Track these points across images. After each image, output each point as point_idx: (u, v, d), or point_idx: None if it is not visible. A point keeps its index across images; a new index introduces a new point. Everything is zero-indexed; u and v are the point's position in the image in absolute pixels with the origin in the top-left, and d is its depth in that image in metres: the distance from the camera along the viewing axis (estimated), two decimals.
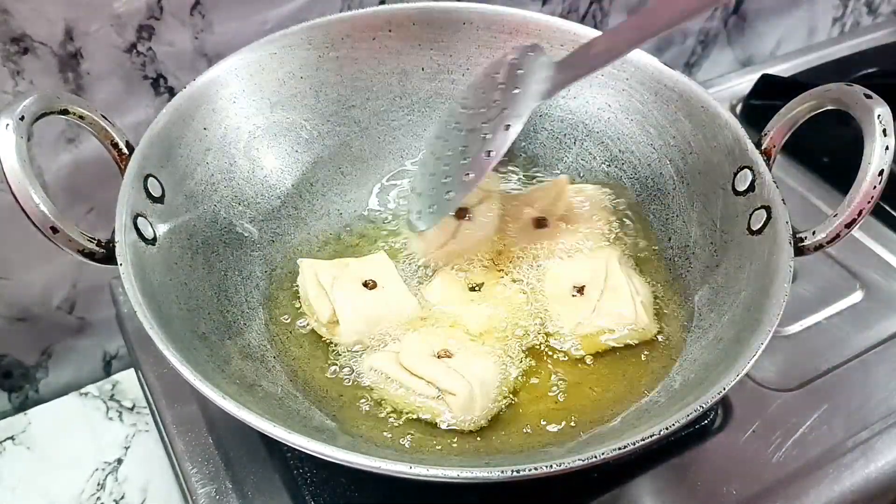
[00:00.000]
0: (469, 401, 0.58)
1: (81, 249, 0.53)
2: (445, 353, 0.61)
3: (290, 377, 0.61)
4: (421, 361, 0.60)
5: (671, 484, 0.64)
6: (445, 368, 0.59)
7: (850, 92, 0.56)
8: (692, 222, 0.68)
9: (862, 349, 0.75)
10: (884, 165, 0.54)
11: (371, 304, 0.65)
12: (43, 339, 0.86)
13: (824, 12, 1.31)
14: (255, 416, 0.46)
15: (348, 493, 0.61)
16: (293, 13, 0.81)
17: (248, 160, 0.70)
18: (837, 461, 0.66)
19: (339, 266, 0.67)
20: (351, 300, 0.64)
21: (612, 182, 0.74)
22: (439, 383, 0.59)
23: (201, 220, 0.65)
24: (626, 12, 1.06)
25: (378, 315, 0.65)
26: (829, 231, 0.56)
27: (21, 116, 0.52)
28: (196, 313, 0.59)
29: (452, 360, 0.60)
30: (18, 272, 0.80)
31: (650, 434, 0.46)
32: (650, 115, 0.72)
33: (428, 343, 0.62)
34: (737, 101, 1.04)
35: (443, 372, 0.59)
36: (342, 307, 0.64)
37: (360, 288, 0.65)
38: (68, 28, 0.70)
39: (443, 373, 0.59)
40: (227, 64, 0.68)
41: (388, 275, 0.67)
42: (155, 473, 0.79)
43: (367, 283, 0.66)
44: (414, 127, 0.77)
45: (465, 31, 0.75)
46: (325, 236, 0.73)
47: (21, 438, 0.82)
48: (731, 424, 0.68)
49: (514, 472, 0.44)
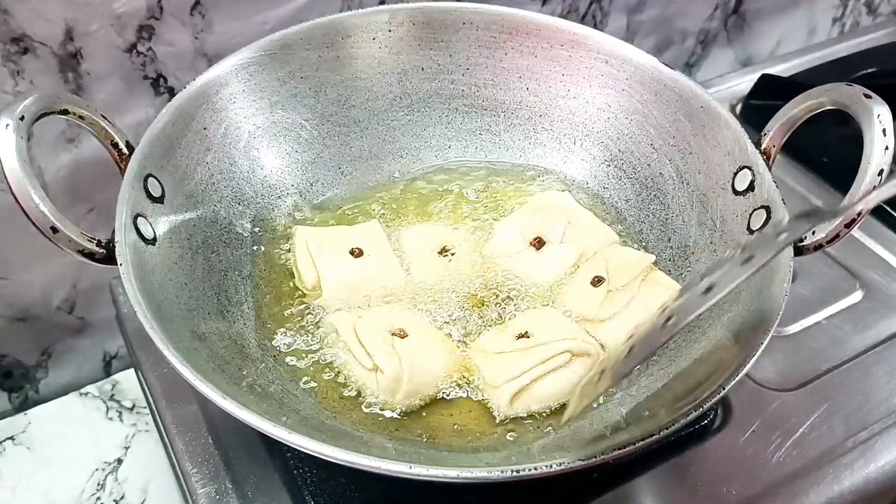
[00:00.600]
0: (394, 383, 0.58)
1: (81, 249, 0.53)
2: (401, 332, 0.61)
3: (289, 377, 0.61)
4: (372, 333, 0.60)
5: (671, 484, 0.64)
6: (389, 347, 0.60)
7: (850, 92, 0.57)
8: (692, 222, 0.69)
9: (862, 349, 0.75)
10: (883, 165, 0.54)
11: (355, 271, 0.66)
12: (43, 339, 0.86)
13: (824, 12, 1.31)
14: (255, 416, 0.46)
15: (348, 493, 0.61)
16: (293, 13, 0.81)
17: (248, 160, 0.70)
18: (837, 461, 0.66)
19: (329, 233, 0.69)
20: (335, 266, 0.66)
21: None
22: (375, 357, 0.59)
23: (201, 220, 0.65)
24: (625, 12, 1.07)
25: (361, 282, 0.66)
26: (828, 231, 0.56)
27: (21, 116, 0.52)
28: (196, 313, 0.59)
29: (403, 340, 0.61)
30: (18, 272, 0.80)
31: (650, 434, 0.46)
32: (650, 115, 0.72)
33: (392, 319, 0.63)
34: (736, 101, 1.04)
35: (384, 349, 0.59)
36: (325, 273, 0.65)
37: (345, 255, 0.66)
38: (68, 28, 0.70)
39: (384, 349, 0.59)
40: (226, 64, 0.68)
41: (377, 244, 0.68)
42: (155, 473, 0.79)
43: (354, 251, 0.67)
44: (414, 127, 0.77)
45: (465, 31, 0.75)
46: None
47: (21, 438, 0.82)
48: (730, 424, 0.68)
49: (513, 472, 0.44)
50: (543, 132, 0.78)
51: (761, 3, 1.21)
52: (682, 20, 1.14)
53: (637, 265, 0.65)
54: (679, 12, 1.13)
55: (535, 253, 0.69)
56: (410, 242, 0.70)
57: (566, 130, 0.77)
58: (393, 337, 0.61)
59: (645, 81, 0.72)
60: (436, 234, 0.71)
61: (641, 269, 0.64)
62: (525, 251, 0.69)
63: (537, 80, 0.76)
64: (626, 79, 0.73)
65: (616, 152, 0.75)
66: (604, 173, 0.76)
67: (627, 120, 0.74)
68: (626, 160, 0.74)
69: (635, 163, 0.74)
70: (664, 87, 0.70)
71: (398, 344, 0.60)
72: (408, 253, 0.69)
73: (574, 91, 0.76)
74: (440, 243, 0.70)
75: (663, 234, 0.71)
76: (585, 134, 0.76)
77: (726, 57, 1.25)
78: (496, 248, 0.70)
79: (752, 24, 1.23)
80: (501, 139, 0.79)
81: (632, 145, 0.74)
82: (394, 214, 0.74)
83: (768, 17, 1.24)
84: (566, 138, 0.77)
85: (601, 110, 0.75)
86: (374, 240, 0.68)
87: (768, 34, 1.27)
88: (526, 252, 0.69)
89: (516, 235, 0.70)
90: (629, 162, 0.74)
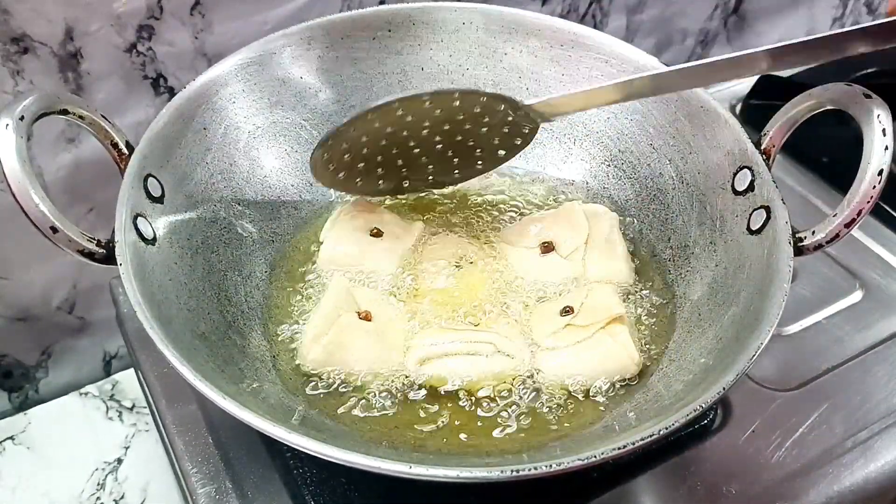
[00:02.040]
0: (313, 342, 0.61)
1: (81, 249, 0.53)
2: (366, 315, 0.62)
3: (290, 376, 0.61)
4: (334, 301, 0.62)
5: (671, 484, 0.64)
6: (334, 315, 0.61)
7: (850, 92, 0.56)
8: (692, 222, 0.69)
9: (861, 349, 0.75)
10: (883, 165, 0.54)
11: (358, 246, 0.68)
12: (43, 339, 0.86)
13: (824, 12, 1.31)
14: (255, 416, 0.46)
15: (348, 493, 0.61)
16: (293, 13, 0.81)
17: (248, 160, 0.70)
18: (837, 461, 0.66)
19: (376, 210, 0.71)
20: (345, 232, 0.68)
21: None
22: (313, 316, 0.62)
23: (201, 220, 0.65)
24: (625, 12, 1.07)
25: (356, 257, 0.67)
26: (828, 231, 0.56)
27: (21, 116, 0.52)
28: (196, 313, 0.59)
29: (352, 318, 0.62)
30: (18, 272, 0.80)
31: (650, 434, 0.46)
32: (650, 114, 0.72)
33: (370, 300, 0.64)
34: (736, 101, 1.04)
35: (329, 315, 0.61)
36: (334, 232, 0.68)
37: (363, 229, 0.68)
38: (68, 28, 0.70)
39: (327, 315, 0.61)
40: (226, 64, 0.68)
41: (402, 238, 0.69)
42: (155, 473, 0.79)
43: (373, 231, 0.68)
44: None
45: (465, 31, 0.75)
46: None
47: (21, 438, 0.82)
48: (730, 424, 0.68)
49: (513, 471, 0.44)
50: (543, 132, 0.77)
51: (761, 3, 1.21)
52: (682, 20, 1.15)
53: (606, 311, 0.62)
54: (679, 12, 1.13)
55: (538, 255, 0.69)
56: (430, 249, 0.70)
57: (566, 130, 0.77)
58: (353, 314, 0.62)
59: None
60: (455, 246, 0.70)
61: (607, 317, 0.62)
62: (532, 249, 0.69)
63: (537, 79, 0.76)
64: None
65: (616, 152, 0.75)
66: (603, 173, 0.76)
67: (627, 120, 0.74)
68: (625, 160, 0.74)
69: (635, 163, 0.74)
70: None
71: (349, 318, 0.61)
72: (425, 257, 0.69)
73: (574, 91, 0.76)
74: (458, 256, 0.70)
75: (663, 234, 0.71)
76: (585, 134, 0.76)
77: None
78: (508, 235, 0.71)
79: (751, 23, 1.23)
80: None
81: (632, 145, 0.74)
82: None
83: (768, 17, 1.24)
84: (566, 138, 0.77)
85: (601, 110, 0.75)
86: (403, 234, 0.70)
87: (768, 34, 1.27)
88: (532, 250, 0.69)
89: (533, 232, 0.70)
90: (629, 162, 0.74)
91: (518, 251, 0.70)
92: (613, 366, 0.61)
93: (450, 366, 0.61)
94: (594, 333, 0.61)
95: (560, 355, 0.62)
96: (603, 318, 0.62)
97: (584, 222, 0.70)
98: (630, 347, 0.61)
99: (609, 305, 0.63)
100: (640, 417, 0.56)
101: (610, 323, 0.62)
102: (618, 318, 0.62)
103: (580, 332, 0.62)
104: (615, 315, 0.62)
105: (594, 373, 0.61)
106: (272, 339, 0.64)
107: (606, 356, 0.61)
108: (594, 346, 0.61)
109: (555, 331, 0.63)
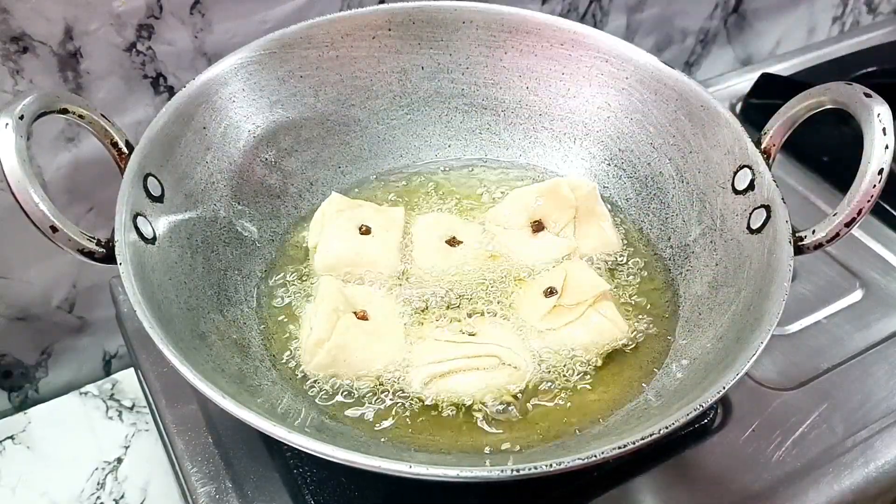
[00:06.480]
0: (315, 346, 0.60)
1: (81, 249, 0.53)
2: (363, 314, 0.62)
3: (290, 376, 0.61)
4: (330, 302, 0.62)
5: (671, 483, 0.64)
6: (334, 317, 0.61)
7: (850, 91, 0.56)
8: (692, 221, 0.69)
9: (861, 348, 0.75)
10: (883, 164, 0.54)
11: (353, 246, 0.67)
12: (43, 339, 0.86)
13: (824, 11, 1.31)
14: (256, 415, 0.46)
15: (348, 493, 0.61)
16: (293, 12, 0.81)
17: (247, 159, 0.70)
18: (837, 460, 0.66)
19: (353, 206, 0.70)
20: (336, 235, 0.67)
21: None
22: (312, 321, 0.61)
23: (201, 220, 0.65)
24: (625, 11, 1.07)
25: (353, 258, 0.67)
26: (828, 230, 0.56)
27: (21, 116, 0.52)
28: (196, 313, 0.59)
29: (351, 319, 0.61)
30: (18, 272, 0.80)
31: (650, 433, 0.46)
32: (650, 114, 0.72)
33: (365, 298, 0.64)
34: (736, 100, 1.04)
35: (329, 317, 0.61)
36: (324, 238, 0.67)
37: (352, 229, 0.68)
38: (68, 27, 0.70)
39: (327, 317, 0.60)
40: (226, 63, 0.68)
41: (390, 230, 0.69)
42: (155, 473, 0.79)
43: (362, 228, 0.68)
44: (414, 126, 0.77)
45: (464, 31, 0.75)
46: None
47: (21, 438, 0.82)
48: (730, 424, 0.68)
49: (513, 471, 0.44)
50: (543, 131, 0.78)
51: (761, 2, 1.21)
52: (682, 19, 1.15)
53: (592, 289, 0.63)
54: (679, 11, 1.13)
55: (530, 235, 0.69)
56: (420, 229, 0.70)
57: (566, 129, 0.77)
58: (351, 315, 0.62)
59: (645, 80, 0.72)
60: (447, 224, 0.71)
61: (594, 294, 0.63)
62: (523, 230, 0.70)
63: (537, 78, 0.76)
64: (626, 78, 0.73)
65: (616, 151, 0.75)
66: (604, 172, 0.76)
67: (627, 119, 0.74)
68: (625, 159, 0.74)
69: (635, 162, 0.74)
70: (664, 86, 0.70)
71: (348, 319, 0.61)
72: (416, 238, 0.70)
73: (574, 90, 0.76)
74: (450, 232, 0.70)
75: (663, 234, 0.71)
76: (585, 133, 0.76)
77: (726, 56, 1.25)
78: (497, 216, 0.71)
79: (752, 23, 1.23)
80: (501, 138, 0.79)
81: (632, 144, 0.74)
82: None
83: (768, 16, 1.24)
84: (566, 137, 0.77)
85: (601, 109, 0.75)
86: (390, 225, 0.69)
87: (768, 33, 1.27)
88: (523, 230, 0.69)
89: (522, 211, 0.70)
90: (629, 161, 0.74)
91: (509, 233, 0.70)
92: (605, 338, 0.63)
93: (456, 384, 0.60)
94: (584, 313, 0.63)
95: (556, 336, 0.63)
96: (590, 296, 0.63)
97: (571, 197, 0.70)
98: (618, 320, 0.63)
99: (594, 283, 0.64)
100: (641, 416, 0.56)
101: (594, 298, 0.63)
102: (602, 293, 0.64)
103: (570, 313, 0.63)
104: (600, 291, 0.63)
105: (587, 348, 0.62)
106: (272, 339, 0.64)
107: (598, 331, 0.63)
108: (585, 324, 0.63)
109: (544, 313, 0.63)
